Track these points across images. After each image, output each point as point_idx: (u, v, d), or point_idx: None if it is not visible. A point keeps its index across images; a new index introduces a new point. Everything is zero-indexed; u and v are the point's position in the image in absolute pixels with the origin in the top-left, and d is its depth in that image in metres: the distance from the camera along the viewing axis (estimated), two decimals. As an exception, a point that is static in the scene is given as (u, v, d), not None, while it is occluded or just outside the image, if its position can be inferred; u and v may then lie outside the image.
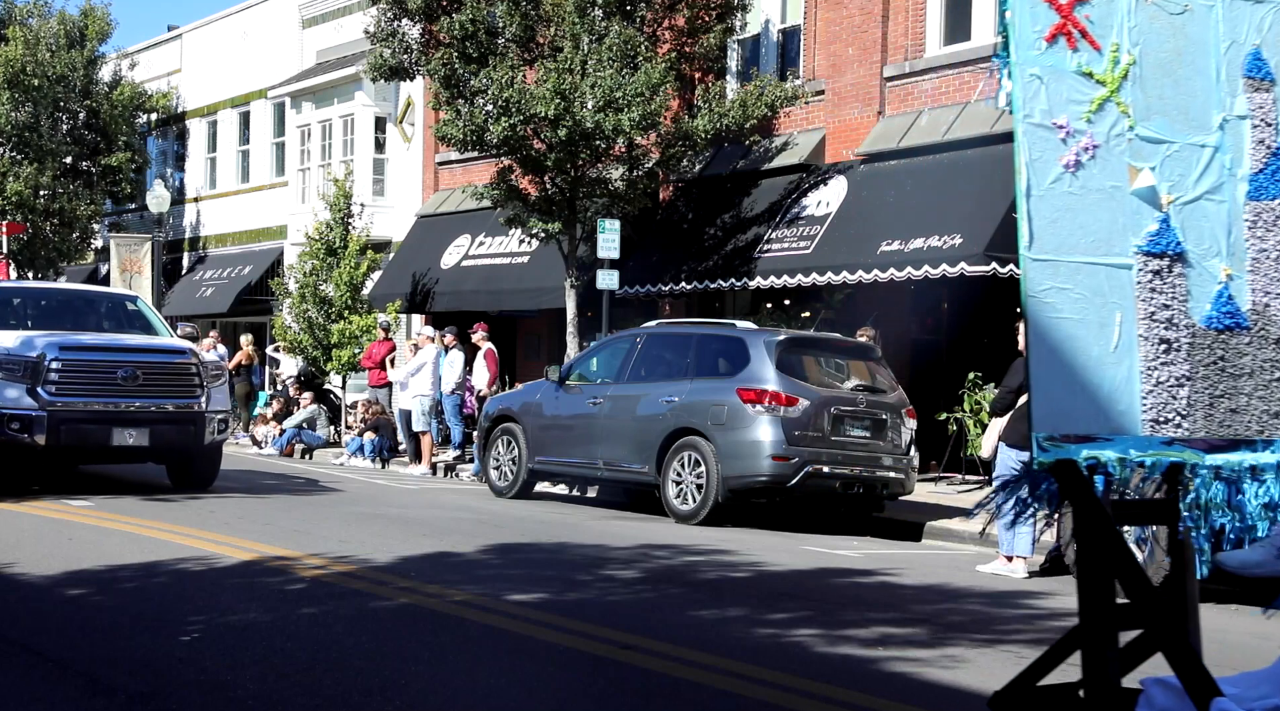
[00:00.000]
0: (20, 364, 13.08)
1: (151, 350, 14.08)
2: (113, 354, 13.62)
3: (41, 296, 16.23)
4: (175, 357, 14.04)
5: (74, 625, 7.04)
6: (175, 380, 13.78)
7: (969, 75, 18.93)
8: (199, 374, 13.85)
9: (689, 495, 13.93)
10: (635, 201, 20.56)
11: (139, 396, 13.45)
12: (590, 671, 6.41)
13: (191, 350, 14.44)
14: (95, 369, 13.37)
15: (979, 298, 18.54)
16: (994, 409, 11.45)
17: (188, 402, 13.73)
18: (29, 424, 12.96)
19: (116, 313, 15.70)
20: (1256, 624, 9.06)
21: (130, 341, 14.29)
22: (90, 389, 13.33)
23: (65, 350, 13.25)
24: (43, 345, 13.19)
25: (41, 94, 33.15)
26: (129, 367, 13.41)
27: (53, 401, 13.04)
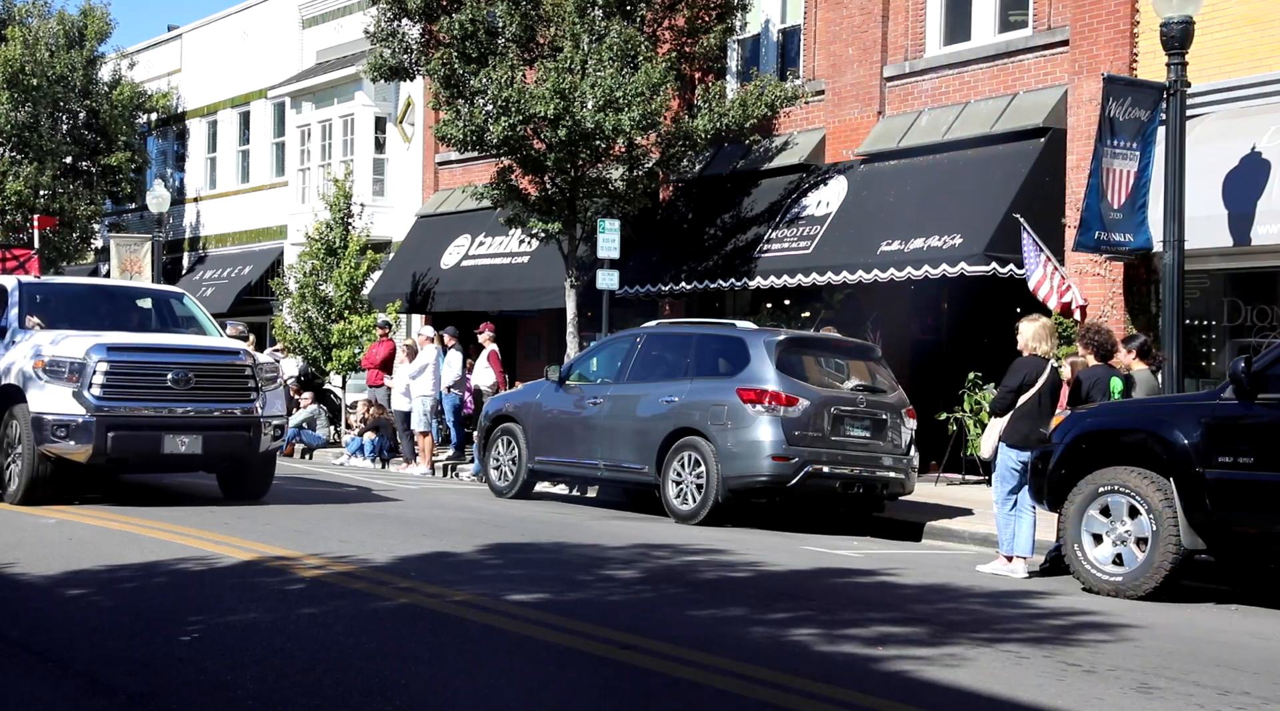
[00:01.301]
0: (65, 366, 12.26)
1: (203, 351, 13.21)
2: (163, 355, 12.74)
3: (83, 293, 15.31)
4: (228, 359, 13.16)
5: (74, 625, 7.04)
6: (229, 383, 12.93)
7: (969, 75, 18.93)
8: (253, 376, 13.02)
9: (689, 495, 13.92)
10: (635, 201, 20.56)
11: (191, 400, 12.60)
12: (590, 671, 6.41)
13: (245, 351, 13.59)
14: (145, 371, 12.48)
15: (979, 298, 18.54)
16: (994, 409, 11.44)
17: (242, 407, 12.90)
18: (75, 430, 12.15)
19: (162, 311, 14.83)
20: (1256, 624, 9.06)
21: (181, 341, 13.47)
22: (139, 392, 12.44)
23: (113, 351, 12.40)
24: (89, 345, 12.35)
25: (41, 94, 33.16)
26: (180, 370, 12.55)
27: (100, 406, 12.19)
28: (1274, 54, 15.25)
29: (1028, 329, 11.24)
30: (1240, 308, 15.92)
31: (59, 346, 12.45)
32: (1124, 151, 14.61)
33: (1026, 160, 17.59)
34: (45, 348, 12.49)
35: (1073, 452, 10.23)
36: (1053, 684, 6.46)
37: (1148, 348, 11.85)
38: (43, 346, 12.54)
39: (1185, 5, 13.09)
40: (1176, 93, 13.16)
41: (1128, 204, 14.83)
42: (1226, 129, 15.24)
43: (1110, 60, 16.50)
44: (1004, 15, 18.94)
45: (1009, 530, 11.02)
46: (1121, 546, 9.87)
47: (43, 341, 12.65)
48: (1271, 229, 14.44)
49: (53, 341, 12.59)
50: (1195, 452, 9.41)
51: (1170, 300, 13.11)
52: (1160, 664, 7.14)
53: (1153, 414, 10.09)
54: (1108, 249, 15.04)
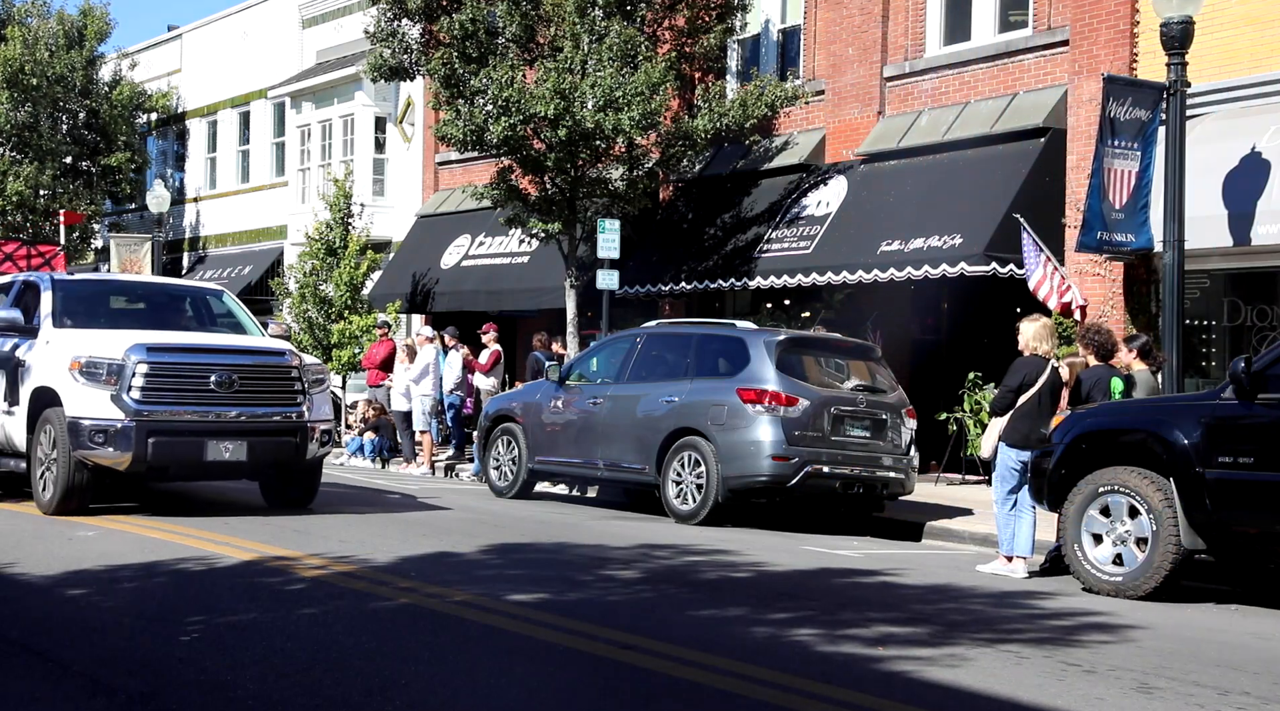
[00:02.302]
0: (103, 367, 11.52)
1: (248, 351, 12.42)
2: (205, 355, 11.97)
3: (117, 290, 14.58)
4: (274, 359, 12.36)
5: (74, 625, 7.04)
6: (275, 386, 12.16)
7: (969, 75, 18.93)
8: (300, 378, 12.25)
9: (689, 495, 13.92)
10: (635, 201, 20.56)
11: (235, 404, 11.84)
12: (590, 671, 6.41)
13: (291, 351, 12.72)
14: (186, 373, 11.72)
15: (979, 298, 18.54)
16: (994, 409, 11.44)
17: (289, 411, 12.12)
18: (114, 436, 11.39)
19: (200, 308, 14.02)
20: (1256, 623, 9.06)
21: (223, 341, 12.72)
22: (181, 396, 11.68)
23: (153, 351, 11.64)
24: (128, 345, 11.61)
25: (41, 94, 33.16)
26: (224, 371, 11.78)
27: (140, 410, 11.43)
28: (1274, 54, 15.25)
29: (1028, 329, 11.24)
30: (1240, 308, 15.92)
31: (96, 346, 11.75)
32: (1125, 151, 14.61)
33: (1026, 160, 17.59)
34: (81, 348, 11.77)
35: (1073, 452, 10.23)
36: (1053, 684, 6.46)
37: (1148, 348, 11.85)
38: (79, 346, 11.83)
39: (1185, 5, 13.09)
40: (1176, 93, 13.16)
41: (1129, 204, 14.82)
42: (1226, 129, 15.24)
43: (1110, 60, 16.50)
44: (1004, 15, 18.94)
45: (1009, 530, 11.02)
46: (1121, 546, 9.87)
47: (78, 341, 11.95)
48: (1271, 229, 14.44)
49: (89, 341, 11.91)
50: (1195, 452, 9.41)
51: (1170, 300, 13.11)
52: (1160, 664, 7.14)
53: (1153, 414, 10.09)
54: (1109, 249, 15.04)
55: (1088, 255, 15.78)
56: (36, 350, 12.31)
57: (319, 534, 11.03)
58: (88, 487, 11.74)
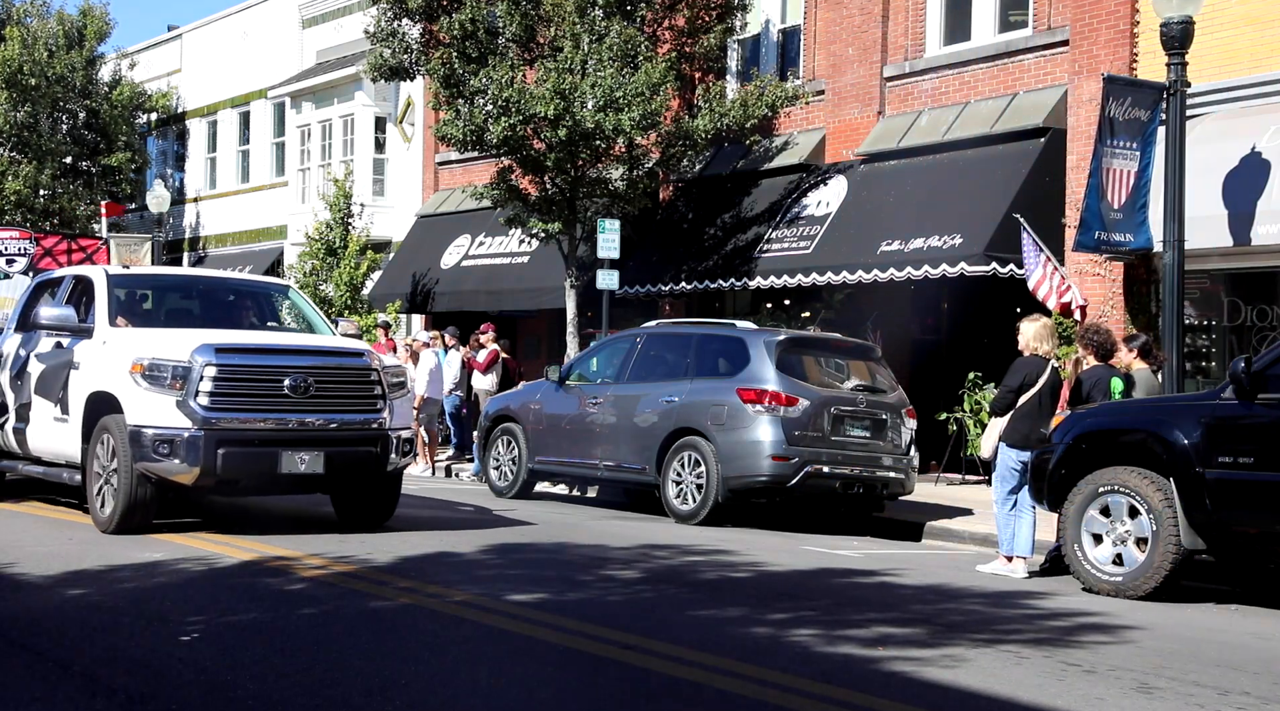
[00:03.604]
0: (167, 370, 10.44)
1: (324, 352, 11.28)
2: (279, 356, 10.85)
3: (176, 285, 13.58)
4: (353, 361, 11.23)
5: (74, 625, 7.04)
6: (354, 390, 11.04)
7: (969, 75, 18.94)
8: (380, 382, 11.11)
9: (689, 495, 13.92)
10: (635, 201, 20.56)
11: (311, 411, 10.70)
12: (590, 671, 6.41)
13: (370, 352, 11.62)
14: (259, 376, 10.61)
15: (979, 298, 18.55)
16: (994, 409, 11.44)
17: (369, 418, 10.99)
18: (180, 446, 10.32)
19: (264, 305, 13.06)
20: (1256, 624, 9.06)
21: (297, 341, 11.65)
22: (253, 401, 10.58)
23: (222, 353, 10.54)
24: (194, 346, 10.54)
25: (40, 94, 33.16)
26: (298, 374, 10.63)
27: (209, 417, 10.35)
28: (1274, 54, 15.25)
29: (1028, 329, 11.24)
30: (1240, 307, 15.93)
31: (159, 347, 10.66)
32: (1124, 151, 14.61)
33: (1026, 160, 17.60)
34: (143, 348, 10.68)
35: (1073, 452, 10.23)
36: (1053, 684, 6.46)
37: (1149, 347, 11.85)
38: (140, 347, 10.74)
39: (1185, 5, 13.09)
40: (1176, 93, 13.16)
41: (1128, 204, 14.83)
42: (1226, 129, 15.24)
43: (1110, 60, 16.51)
44: (1004, 15, 18.94)
45: (1009, 530, 11.02)
46: (1121, 546, 9.87)
47: (139, 341, 10.90)
48: (1271, 229, 14.44)
49: (151, 341, 10.86)
50: (1195, 452, 9.41)
51: (1170, 300, 13.11)
52: (1160, 664, 7.14)
53: (1153, 414, 10.09)
54: (1108, 249, 15.04)
55: (1087, 255, 15.78)
56: (92, 351, 11.26)
57: (319, 533, 11.03)
58: (151, 503, 10.68)
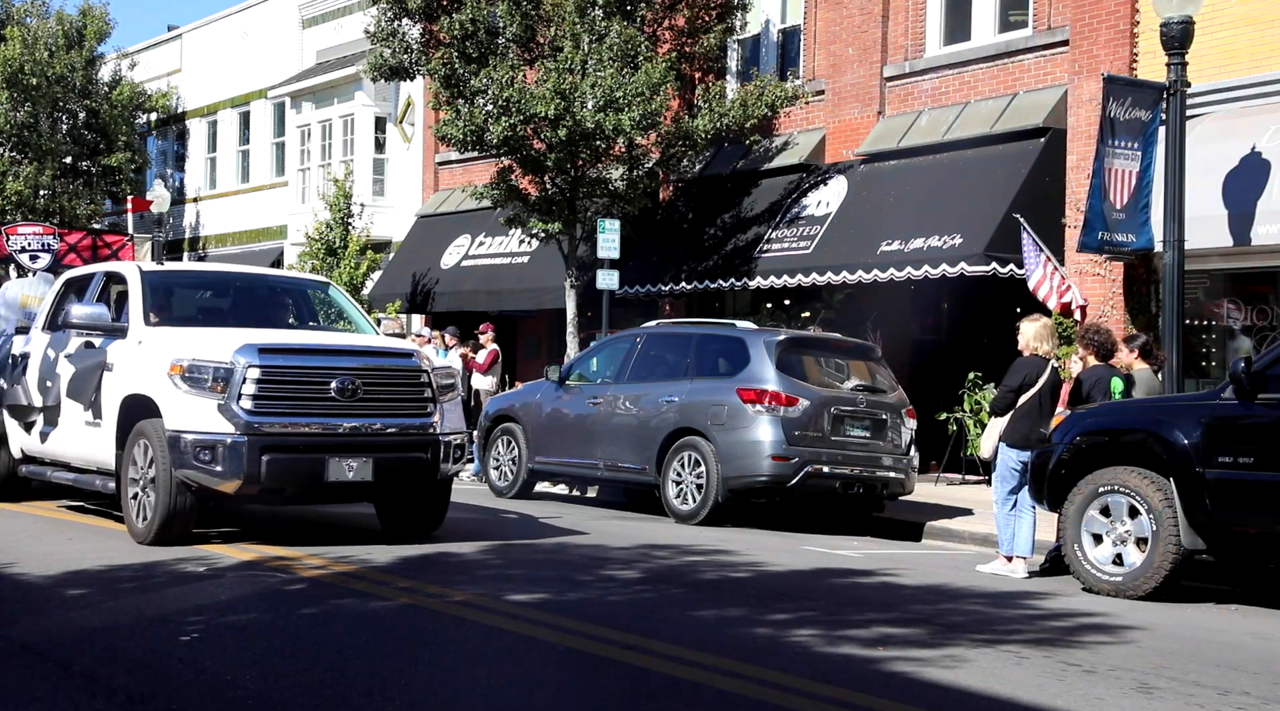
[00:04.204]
0: (208, 372, 9.82)
1: (371, 352, 10.63)
2: (325, 357, 10.22)
3: (214, 283, 12.87)
4: (401, 362, 10.61)
5: (74, 625, 7.04)
6: (403, 392, 10.42)
7: (969, 75, 18.94)
8: (430, 384, 10.51)
9: (689, 495, 13.92)
10: (635, 201, 20.56)
11: (358, 415, 10.09)
12: (590, 671, 6.41)
13: (418, 352, 11.08)
14: (304, 378, 9.98)
15: (979, 298, 18.55)
16: (994, 409, 11.44)
17: (419, 423, 10.39)
18: (223, 453, 9.69)
19: (306, 303, 12.47)
20: (1256, 624, 9.06)
21: (344, 341, 11.04)
22: (298, 405, 9.94)
23: (265, 353, 9.92)
24: (236, 346, 9.93)
25: (41, 94, 33.17)
26: (346, 376, 10.01)
27: (252, 422, 9.72)
28: (1274, 54, 15.25)
29: (1029, 329, 11.24)
30: (1240, 308, 15.93)
31: (199, 347, 10.04)
32: (1125, 151, 14.61)
33: (1026, 160, 17.60)
34: (182, 349, 10.07)
35: (1073, 452, 10.23)
36: (1053, 684, 6.46)
37: (1149, 347, 11.85)
38: (179, 347, 10.11)
39: (1185, 5, 13.09)
40: (1176, 93, 13.16)
41: (1130, 204, 14.83)
42: (1226, 129, 15.24)
43: (1110, 60, 16.51)
44: (1004, 15, 18.95)
45: (1009, 530, 11.01)
46: (1121, 546, 9.87)
47: (177, 341, 10.30)
48: (1271, 229, 14.44)
49: (190, 341, 10.25)
50: (1195, 452, 9.41)
51: (1170, 300, 13.11)
52: (1160, 664, 7.14)
53: (1153, 414, 10.09)
54: (1110, 249, 15.04)
55: (1088, 255, 15.78)
56: (127, 352, 10.65)
57: (319, 533, 11.02)
58: (191, 512, 10.08)
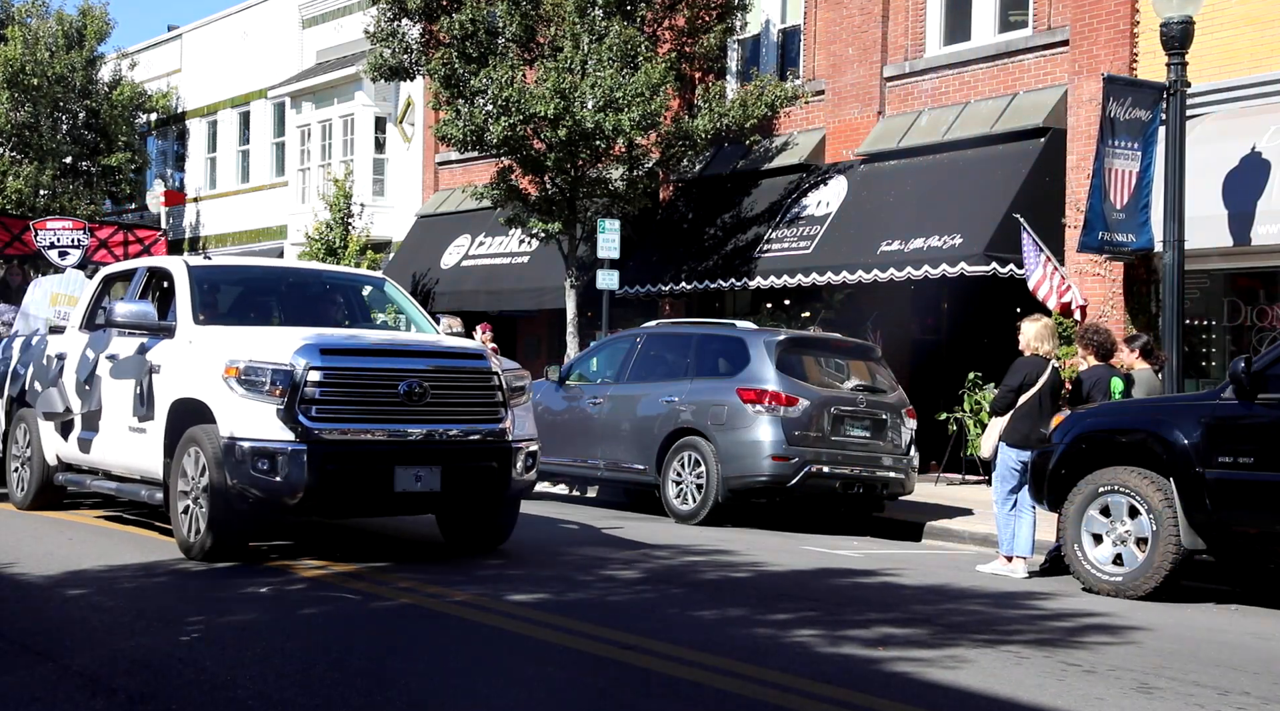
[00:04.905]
0: (266, 374, 9.08)
1: (439, 353, 9.86)
2: (390, 359, 9.46)
3: (265, 279, 11.93)
4: (471, 363, 9.82)
5: (74, 625, 7.04)
6: (474, 396, 9.67)
7: (969, 75, 18.94)
8: (501, 387, 9.77)
9: (689, 495, 13.93)
10: (635, 201, 20.56)
11: (426, 420, 9.35)
12: (591, 671, 6.40)
13: (489, 352, 10.34)
14: (370, 380, 9.24)
15: (979, 298, 18.55)
16: (994, 409, 11.44)
17: (489, 428, 9.64)
18: (283, 462, 8.94)
19: (358, 300, 11.74)
20: (1256, 624, 9.06)
21: (410, 340, 10.29)
22: (363, 410, 9.20)
23: (328, 354, 9.17)
24: (296, 346, 9.18)
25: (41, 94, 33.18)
26: (412, 378, 9.27)
27: (314, 428, 8.98)
28: (1274, 54, 15.25)
29: (1029, 329, 11.24)
30: (1240, 308, 15.93)
31: (256, 348, 9.31)
32: (1125, 151, 14.62)
33: (1026, 160, 17.60)
34: (238, 350, 9.34)
35: (1073, 452, 10.23)
36: (1053, 684, 6.46)
37: (1150, 347, 11.85)
38: (234, 348, 9.39)
39: (1185, 5, 13.10)
40: (1176, 93, 13.16)
41: (1130, 204, 14.83)
42: (1226, 129, 15.24)
43: (1110, 60, 16.51)
44: (1004, 15, 18.95)
45: (1009, 530, 11.01)
46: (1121, 546, 9.87)
47: (231, 341, 9.57)
48: (1271, 229, 14.44)
49: (245, 341, 9.52)
50: (1195, 452, 9.41)
51: (1170, 300, 13.11)
52: (1160, 664, 7.14)
53: (1153, 414, 10.09)
54: (1111, 249, 15.04)
55: (1088, 255, 15.78)
56: (176, 353, 9.93)
57: (318, 533, 11.02)
58: (248, 525, 9.41)
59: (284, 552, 9.96)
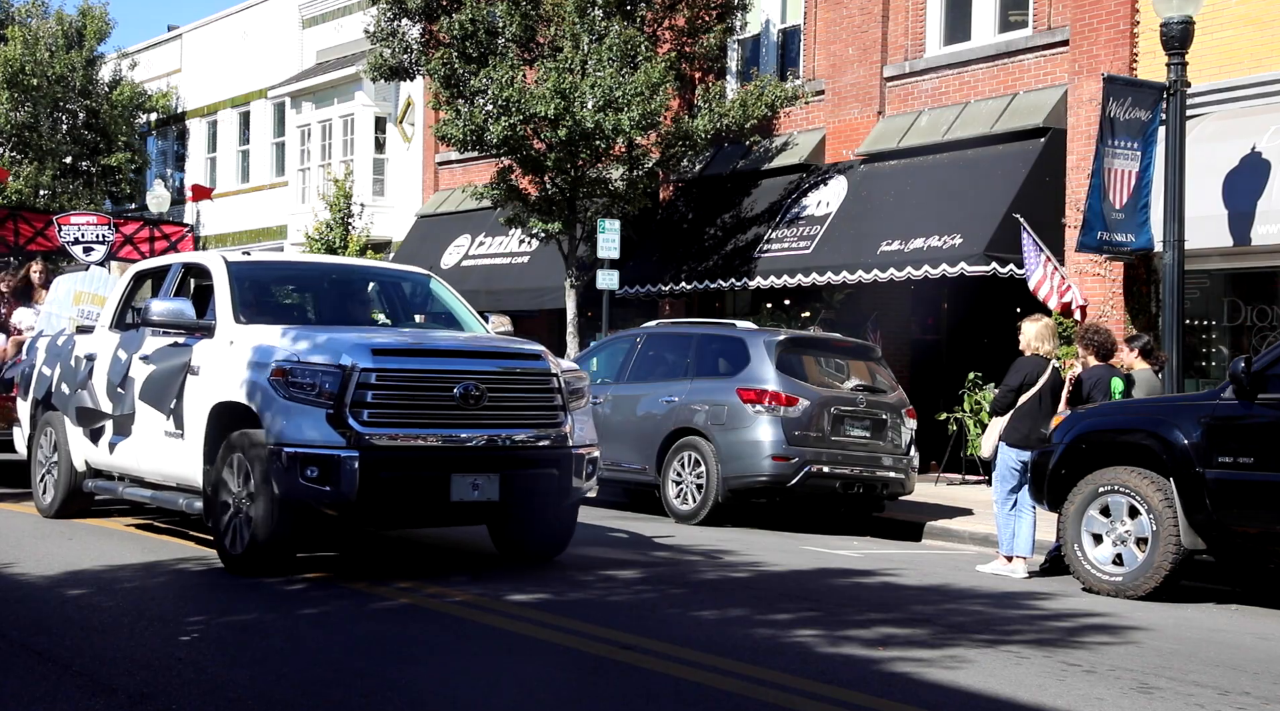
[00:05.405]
0: (315, 376, 8.57)
1: (495, 353, 9.27)
2: (445, 359, 8.92)
3: (307, 275, 11.40)
4: (530, 363, 9.24)
5: (74, 625, 7.04)
6: (532, 398, 9.12)
7: (969, 75, 18.94)
8: (560, 389, 9.22)
9: (689, 495, 13.93)
10: (635, 201, 20.56)
11: (483, 424, 8.82)
12: (591, 671, 6.40)
13: (547, 352, 9.57)
14: (424, 382, 8.69)
15: (979, 298, 18.55)
16: (994, 409, 11.44)
17: (549, 433, 9.09)
18: (334, 469, 8.37)
19: (404, 298, 11.19)
20: (1256, 624, 9.06)
21: (464, 340, 9.62)
22: (418, 414, 8.65)
23: (380, 355, 8.64)
24: (346, 346, 8.66)
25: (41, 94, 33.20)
26: (469, 380, 8.74)
27: (366, 434, 8.43)
28: (1274, 54, 15.25)
29: (1030, 329, 11.25)
30: (1240, 307, 15.93)
31: (303, 348, 8.81)
32: (1125, 151, 14.62)
33: (1026, 160, 17.60)
34: (283, 350, 8.81)
35: (1073, 452, 10.23)
36: (1053, 684, 6.46)
37: (1150, 348, 11.86)
38: (279, 349, 8.85)
39: (1185, 5, 13.10)
40: (1176, 93, 13.16)
41: (1130, 204, 14.83)
42: (1226, 129, 15.24)
43: (1110, 60, 16.51)
44: (1004, 15, 18.95)
45: (1009, 530, 11.02)
46: (1121, 546, 9.87)
47: (277, 342, 8.98)
48: (1271, 229, 14.44)
49: (293, 341, 8.93)
50: (1195, 452, 9.41)
51: (1170, 300, 13.12)
52: (1160, 664, 7.14)
53: (1153, 414, 10.09)
54: (1110, 249, 15.05)
55: (1088, 255, 15.79)
56: (216, 353, 9.38)
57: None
58: (295, 536, 8.86)
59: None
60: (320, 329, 9.33)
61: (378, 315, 10.79)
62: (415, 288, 11.34)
